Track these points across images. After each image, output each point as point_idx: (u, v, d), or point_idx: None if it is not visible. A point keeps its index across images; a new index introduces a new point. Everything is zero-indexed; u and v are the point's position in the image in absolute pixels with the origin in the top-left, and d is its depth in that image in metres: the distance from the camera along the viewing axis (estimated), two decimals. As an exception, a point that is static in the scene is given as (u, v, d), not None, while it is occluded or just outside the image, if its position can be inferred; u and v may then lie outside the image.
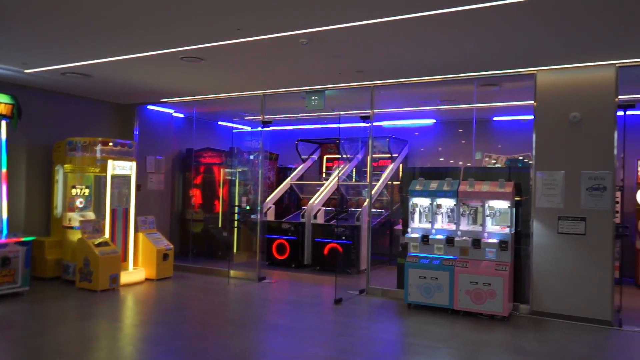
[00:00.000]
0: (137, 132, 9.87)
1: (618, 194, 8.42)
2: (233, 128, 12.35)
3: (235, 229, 10.30)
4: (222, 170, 10.69)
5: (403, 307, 6.82)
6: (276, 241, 9.88)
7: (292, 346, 5.27)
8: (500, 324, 6.12)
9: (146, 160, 9.83)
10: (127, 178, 8.18)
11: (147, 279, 8.34)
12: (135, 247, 8.39)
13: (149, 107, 9.98)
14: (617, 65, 6.10)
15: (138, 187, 8.81)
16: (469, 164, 9.23)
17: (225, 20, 4.99)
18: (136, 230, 8.46)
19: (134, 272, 8.18)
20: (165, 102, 9.63)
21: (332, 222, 9.65)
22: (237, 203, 10.32)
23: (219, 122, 12.12)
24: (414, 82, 7.33)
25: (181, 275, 8.87)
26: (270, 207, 10.30)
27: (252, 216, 9.86)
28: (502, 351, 5.25)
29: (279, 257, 9.85)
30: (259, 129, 9.12)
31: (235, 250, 10.47)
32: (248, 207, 10.08)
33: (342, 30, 5.18)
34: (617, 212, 8.35)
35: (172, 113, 10.49)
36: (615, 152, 6.18)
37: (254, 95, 8.71)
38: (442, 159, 10.69)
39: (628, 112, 6.25)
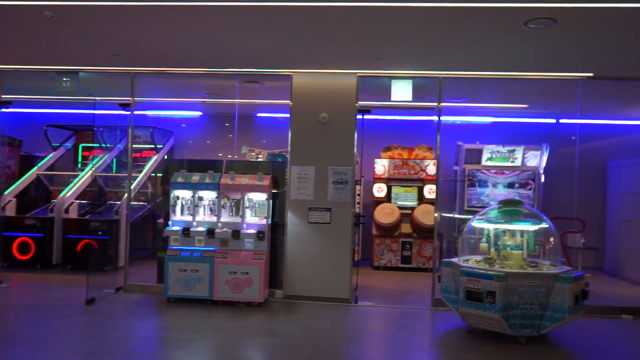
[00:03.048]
0: None
1: (359, 187, 9.67)
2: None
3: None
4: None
5: (163, 301, 6.67)
6: (18, 239, 8.66)
7: (31, 357, 4.69)
8: (257, 310, 6.46)
9: None
10: None
11: None
12: None
13: None
14: (357, 74, 6.96)
15: None
16: (235, 157, 9.49)
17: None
18: None
19: None
20: None
21: (87, 217, 8.88)
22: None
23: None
24: (177, 73, 7.21)
25: None
26: (10, 201, 8.98)
27: (-14, 211, 8.45)
28: (256, 335, 5.56)
29: (21, 257, 8.65)
30: (-4, 110, 7.86)
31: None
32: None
33: (92, 8, 4.80)
34: (357, 203, 9.58)
35: None
36: (356, 150, 7.06)
37: (-12, 70, 7.47)
38: (208, 152, 10.76)
39: (366, 117, 7.20)
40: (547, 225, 5.71)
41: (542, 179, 9.67)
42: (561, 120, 9.89)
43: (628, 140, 10.15)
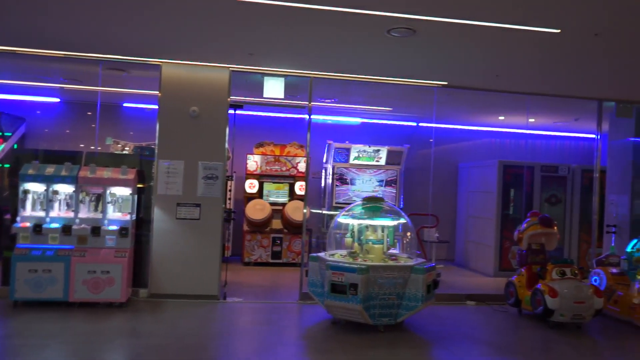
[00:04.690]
0: None
1: (231, 183, 9.59)
2: None
3: None
4: None
5: (8, 305, 6.04)
6: None
7: None
8: (119, 310, 6.13)
9: None
10: None
11: None
12: None
13: None
14: (230, 69, 6.90)
15: None
16: (99, 149, 8.86)
17: None
18: None
19: None
20: None
21: None
22: None
23: None
24: (32, 54, 6.55)
25: None
26: None
27: None
28: (117, 337, 5.28)
29: None
30: None
31: None
32: None
33: None
34: (229, 199, 9.50)
35: None
36: (227, 145, 7.00)
37: None
38: (67, 143, 9.92)
39: (238, 112, 7.17)
40: (405, 221, 6.15)
41: (403, 178, 10.38)
42: (420, 124, 10.71)
43: (476, 144, 11.30)
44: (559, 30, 4.93)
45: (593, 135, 8.36)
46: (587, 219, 9.45)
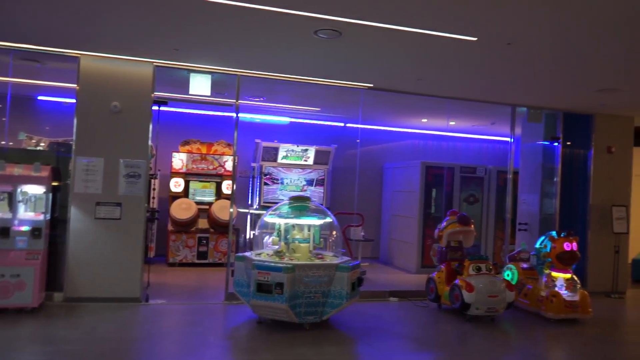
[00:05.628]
0: None
1: (155, 181, 9.30)
2: None
3: None
4: None
5: None
6: None
7: None
8: (30, 316, 5.77)
9: None
10: None
11: None
12: None
13: None
14: (154, 64, 6.69)
15: None
16: (10, 144, 8.29)
17: None
18: None
19: None
20: None
21: None
22: None
23: None
24: None
25: None
26: None
27: None
28: (27, 344, 4.97)
29: None
30: None
31: None
32: None
33: None
34: (153, 198, 9.20)
35: None
36: (150, 142, 6.78)
37: None
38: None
39: (163, 108, 6.97)
40: (331, 220, 6.24)
41: (331, 178, 10.53)
42: (348, 125, 10.90)
43: (401, 145, 11.67)
44: (475, 39, 5.20)
45: (508, 139, 8.88)
46: (502, 217, 10.02)
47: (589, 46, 5.30)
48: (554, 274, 6.82)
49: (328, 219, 6.21)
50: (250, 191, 10.38)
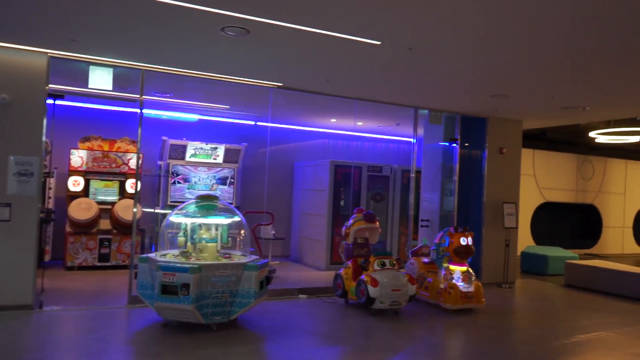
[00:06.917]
0: None
1: (51, 180, 8.74)
2: None
3: None
4: None
5: None
6: None
7: None
8: None
9: None
10: None
11: None
12: None
13: None
14: (49, 54, 6.27)
15: None
16: None
17: None
18: None
19: None
20: None
21: None
22: None
23: None
24: None
25: None
26: None
27: None
28: None
29: None
30: None
31: None
32: None
33: None
34: (48, 197, 8.64)
35: None
36: (45, 138, 6.35)
37: None
38: None
39: (58, 102, 6.54)
40: (239, 219, 6.20)
41: (241, 176, 10.44)
42: (258, 123, 10.86)
43: (311, 144, 11.82)
44: (379, 42, 5.40)
45: (411, 139, 9.30)
46: (406, 214, 10.48)
47: (482, 52, 5.69)
48: (451, 267, 7.25)
49: (236, 218, 6.16)
50: (157, 190, 10.04)
